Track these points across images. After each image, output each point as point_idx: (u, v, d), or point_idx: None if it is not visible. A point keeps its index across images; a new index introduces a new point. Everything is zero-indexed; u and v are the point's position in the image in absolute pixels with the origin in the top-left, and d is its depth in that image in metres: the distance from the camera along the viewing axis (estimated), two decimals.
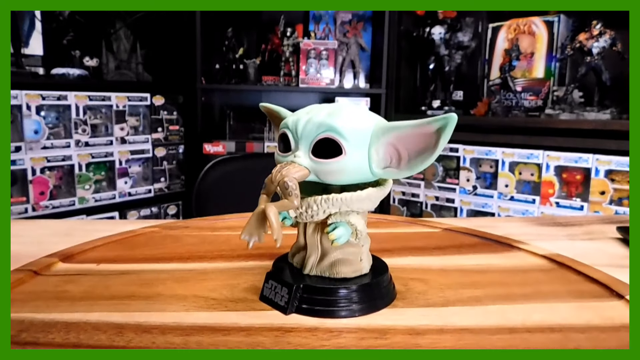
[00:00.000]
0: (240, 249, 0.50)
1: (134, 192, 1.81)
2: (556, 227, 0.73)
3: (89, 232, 0.60)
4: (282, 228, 0.33)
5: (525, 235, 0.67)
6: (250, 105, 2.16)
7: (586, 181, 1.69)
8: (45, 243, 0.56)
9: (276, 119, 0.43)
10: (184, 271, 0.45)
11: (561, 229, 0.71)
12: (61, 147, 1.57)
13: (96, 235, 0.54)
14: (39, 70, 1.57)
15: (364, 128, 0.36)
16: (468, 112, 1.95)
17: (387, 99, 2.02)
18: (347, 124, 0.35)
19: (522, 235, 0.67)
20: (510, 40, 1.90)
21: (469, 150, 1.89)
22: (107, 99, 1.68)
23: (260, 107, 0.44)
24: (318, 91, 2.11)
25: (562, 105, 1.75)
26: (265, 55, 2.08)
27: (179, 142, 1.96)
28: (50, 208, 1.56)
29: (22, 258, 0.46)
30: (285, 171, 0.33)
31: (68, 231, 0.61)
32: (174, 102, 1.94)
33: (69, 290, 0.40)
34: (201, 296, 0.39)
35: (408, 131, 0.36)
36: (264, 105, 0.43)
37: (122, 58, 1.81)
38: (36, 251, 0.48)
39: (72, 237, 0.58)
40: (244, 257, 0.48)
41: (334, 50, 2.03)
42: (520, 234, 0.68)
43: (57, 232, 0.61)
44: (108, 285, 0.41)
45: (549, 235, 0.69)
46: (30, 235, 0.61)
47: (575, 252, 0.53)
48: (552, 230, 0.71)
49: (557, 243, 0.64)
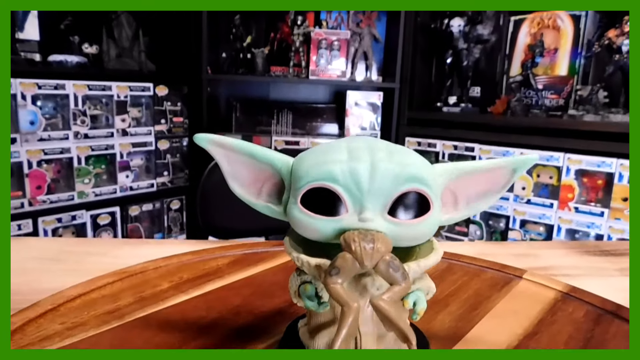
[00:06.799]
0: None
1: (136, 186, 1.73)
2: (605, 257, 0.65)
3: (80, 255, 0.53)
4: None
5: (572, 269, 0.59)
6: (258, 96, 2.08)
7: (608, 187, 1.62)
8: (29, 272, 0.48)
9: (245, 160, 0.30)
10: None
11: (611, 261, 0.63)
12: (59, 139, 1.48)
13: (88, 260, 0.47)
14: (35, 56, 1.48)
15: (436, 174, 0.29)
16: (485, 110, 1.88)
17: (401, 94, 1.93)
18: (428, 171, 0.28)
19: (569, 268, 0.60)
20: (533, 35, 1.81)
21: (485, 150, 1.82)
22: (108, 89, 1.59)
23: (209, 141, 0.29)
24: (328, 83, 2.03)
25: (585, 106, 1.67)
26: (274, 44, 1.99)
27: (183, 135, 1.88)
28: (48, 203, 1.49)
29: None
30: (379, 245, 0.24)
31: (57, 255, 0.53)
32: (178, 93, 1.85)
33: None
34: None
35: (476, 172, 0.30)
36: (213, 140, 0.29)
37: (123, 45, 1.71)
38: (19, 285, 0.40)
39: (61, 265, 0.50)
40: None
41: (346, 40, 1.94)
42: (568, 266, 0.60)
43: (44, 256, 0.54)
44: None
45: (598, 268, 0.61)
46: (13, 258, 0.53)
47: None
48: (601, 262, 0.63)
49: (611, 281, 0.56)
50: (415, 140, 1.98)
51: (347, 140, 0.29)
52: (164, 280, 0.43)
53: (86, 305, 0.38)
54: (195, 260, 0.49)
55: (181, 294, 0.41)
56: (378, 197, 0.26)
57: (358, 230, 0.25)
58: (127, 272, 0.43)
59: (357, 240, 0.24)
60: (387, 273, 0.24)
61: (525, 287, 0.46)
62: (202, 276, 0.45)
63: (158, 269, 0.46)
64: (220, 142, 0.29)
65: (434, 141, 1.93)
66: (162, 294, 0.41)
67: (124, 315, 0.37)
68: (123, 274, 0.43)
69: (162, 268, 0.46)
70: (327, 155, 0.27)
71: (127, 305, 0.38)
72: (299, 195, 0.26)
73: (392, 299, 0.24)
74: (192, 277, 0.45)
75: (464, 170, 0.29)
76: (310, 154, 0.28)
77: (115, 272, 0.43)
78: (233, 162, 0.30)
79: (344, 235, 0.25)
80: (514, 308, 0.42)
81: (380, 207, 0.26)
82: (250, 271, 0.47)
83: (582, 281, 0.55)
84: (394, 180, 0.26)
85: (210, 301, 0.40)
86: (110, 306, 0.38)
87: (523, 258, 0.63)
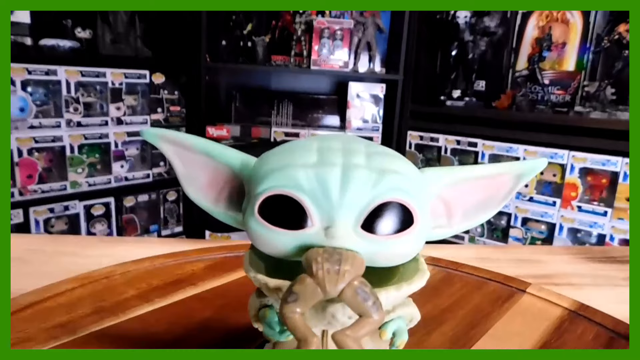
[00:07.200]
0: None
1: (131, 176, 1.70)
2: (611, 265, 0.61)
3: (48, 255, 0.50)
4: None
5: (577, 277, 0.56)
6: (258, 86, 2.03)
7: (612, 186, 1.59)
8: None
9: (193, 155, 0.26)
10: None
11: (618, 269, 0.60)
12: (50, 127, 1.45)
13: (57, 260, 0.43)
14: (25, 40, 1.43)
15: (422, 179, 0.24)
16: (490, 104, 1.84)
17: (404, 87, 1.89)
18: (414, 177, 0.23)
19: (573, 276, 0.56)
20: (542, 28, 1.76)
21: (489, 145, 1.78)
22: (102, 75, 1.55)
23: (159, 137, 0.26)
24: (330, 74, 1.98)
25: (592, 103, 1.62)
26: (275, 32, 1.94)
27: (180, 125, 1.84)
28: (40, 192, 1.45)
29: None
30: (346, 267, 0.20)
31: (23, 254, 0.50)
32: (176, 81, 1.80)
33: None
34: None
35: (474, 179, 0.25)
36: (164, 135, 0.26)
37: (119, 30, 1.66)
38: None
39: (26, 266, 0.47)
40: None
41: (350, 30, 1.89)
42: (572, 274, 0.57)
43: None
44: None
45: (604, 277, 0.57)
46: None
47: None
48: (607, 270, 0.59)
49: (618, 292, 0.52)
50: (417, 134, 1.94)
51: (320, 140, 0.24)
52: (130, 287, 0.40)
53: (37, 316, 0.34)
54: (169, 264, 0.45)
55: (145, 304, 0.37)
56: (350, 209, 0.21)
57: (324, 248, 0.21)
58: (90, 278, 0.40)
59: (320, 260, 0.20)
60: (354, 302, 0.20)
61: (529, 302, 0.42)
62: (173, 283, 0.41)
63: (126, 274, 0.42)
64: (171, 138, 0.25)
65: (436, 135, 1.89)
66: (125, 303, 0.37)
67: (77, 329, 0.33)
68: (85, 279, 0.39)
69: (131, 272, 0.42)
70: (293, 157, 0.23)
71: (82, 317, 0.34)
72: (257, 203, 0.22)
73: (357, 335, 0.20)
74: (162, 283, 0.41)
75: (459, 176, 0.25)
76: (274, 154, 0.24)
77: (77, 277, 0.39)
78: (187, 161, 0.26)
79: (307, 254, 0.21)
80: (516, 328, 0.38)
81: (353, 220, 0.21)
82: (227, 277, 0.43)
83: (587, 292, 0.52)
84: (371, 189, 0.21)
85: (176, 313, 0.36)
86: (64, 318, 0.34)
87: (525, 264, 0.59)
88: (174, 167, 0.26)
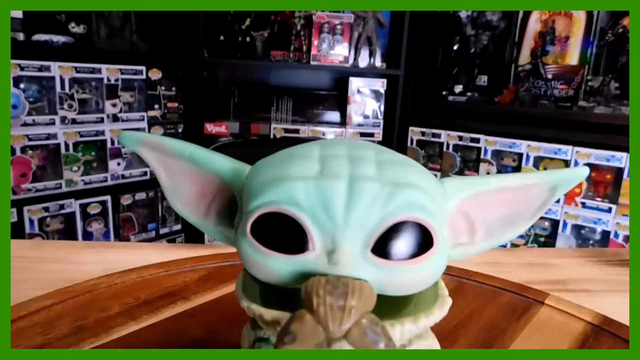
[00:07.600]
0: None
1: (128, 174, 1.67)
2: (625, 268, 0.59)
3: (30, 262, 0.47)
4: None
5: (591, 283, 0.54)
6: (257, 82, 2.00)
7: (616, 182, 1.57)
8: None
9: (178, 162, 0.23)
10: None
11: None
12: (44, 124, 1.41)
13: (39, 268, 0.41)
14: (17, 35, 1.39)
15: (441, 192, 0.21)
16: (492, 99, 1.81)
17: (405, 82, 1.86)
18: (433, 191, 0.20)
19: (588, 281, 0.54)
20: (544, 22, 1.73)
21: (491, 141, 1.76)
22: (97, 71, 1.52)
23: (139, 142, 0.23)
24: (330, 69, 1.95)
25: (596, 98, 1.59)
26: (274, 27, 1.91)
27: (178, 121, 1.81)
28: (34, 191, 1.43)
29: None
30: (353, 302, 0.17)
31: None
32: (173, 77, 1.77)
33: None
34: None
35: (501, 191, 0.22)
36: (144, 140, 0.23)
37: (114, 25, 1.63)
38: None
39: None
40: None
41: (349, 24, 1.85)
42: (586, 279, 0.54)
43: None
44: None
45: (619, 282, 0.55)
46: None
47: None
48: (622, 274, 0.57)
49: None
50: (419, 129, 1.91)
51: (323, 146, 0.21)
52: (115, 302, 0.37)
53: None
54: (159, 275, 0.43)
55: (130, 322, 0.34)
56: (358, 230, 0.18)
57: (326, 277, 0.18)
58: (71, 292, 0.37)
59: (322, 293, 0.17)
60: (362, 345, 0.17)
61: (548, 315, 0.39)
62: (162, 297, 0.39)
63: (112, 287, 0.39)
64: (153, 143, 0.22)
65: (438, 131, 1.87)
66: (108, 322, 0.34)
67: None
68: (66, 294, 0.36)
69: (117, 285, 0.40)
70: (291, 167, 0.20)
71: (58, 339, 0.31)
72: (249, 222, 0.19)
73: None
74: (150, 297, 0.38)
75: (484, 188, 0.22)
76: (270, 163, 0.21)
77: (57, 291, 0.37)
78: (172, 170, 0.23)
79: (307, 284, 0.18)
80: (534, 346, 0.35)
81: (361, 243, 0.18)
82: (220, 290, 0.41)
83: (604, 299, 0.49)
84: (383, 206, 0.18)
85: (163, 333, 0.33)
86: (37, 340, 0.31)
87: (537, 269, 0.57)
88: (157, 176, 0.23)
